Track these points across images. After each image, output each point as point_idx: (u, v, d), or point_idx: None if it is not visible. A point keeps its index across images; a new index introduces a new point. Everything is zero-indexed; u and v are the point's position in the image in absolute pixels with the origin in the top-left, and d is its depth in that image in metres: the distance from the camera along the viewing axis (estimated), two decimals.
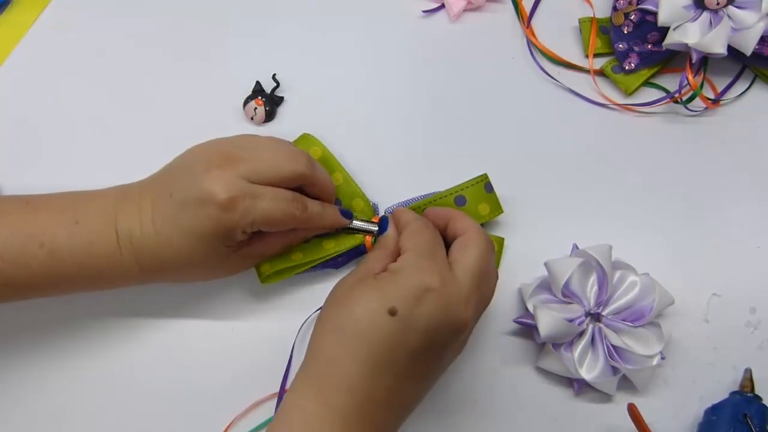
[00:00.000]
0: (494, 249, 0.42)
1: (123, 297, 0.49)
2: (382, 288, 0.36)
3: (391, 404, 0.36)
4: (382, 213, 0.50)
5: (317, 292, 0.49)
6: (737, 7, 0.52)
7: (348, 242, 0.47)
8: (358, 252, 0.48)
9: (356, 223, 0.47)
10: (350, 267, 0.49)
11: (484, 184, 0.49)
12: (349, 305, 0.36)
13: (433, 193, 0.49)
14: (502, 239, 0.50)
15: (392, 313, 0.35)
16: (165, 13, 0.60)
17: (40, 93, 0.57)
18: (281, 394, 0.46)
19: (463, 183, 0.48)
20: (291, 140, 0.50)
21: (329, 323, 0.37)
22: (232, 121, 0.55)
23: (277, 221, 0.41)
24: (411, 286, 0.36)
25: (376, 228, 0.47)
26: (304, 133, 0.51)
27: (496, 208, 0.49)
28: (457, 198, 0.48)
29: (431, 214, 0.45)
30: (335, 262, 0.48)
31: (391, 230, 0.43)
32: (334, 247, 0.47)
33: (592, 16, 0.58)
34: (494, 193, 0.49)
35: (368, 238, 0.47)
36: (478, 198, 0.48)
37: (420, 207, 0.48)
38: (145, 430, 0.46)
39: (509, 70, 0.57)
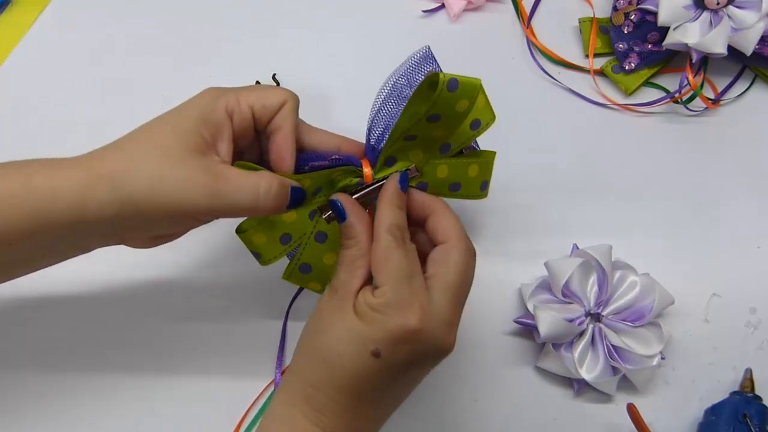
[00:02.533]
0: (475, 255, 0.39)
1: (113, 297, 0.49)
2: (363, 330, 0.36)
3: (375, 418, 0.38)
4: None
5: None
6: (737, 6, 0.52)
7: None
8: None
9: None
10: None
11: (446, 88, 0.39)
12: (333, 340, 0.36)
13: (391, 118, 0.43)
14: (494, 153, 0.45)
15: (376, 354, 0.35)
16: (165, 13, 0.60)
17: (40, 93, 0.57)
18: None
19: (429, 103, 0.39)
20: None
21: (313, 350, 0.37)
22: None
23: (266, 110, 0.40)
24: (392, 328, 0.35)
25: (372, 187, 0.42)
26: (238, 162, 0.43)
27: (471, 93, 0.41)
28: (430, 117, 0.40)
29: (414, 199, 0.41)
30: None
31: (352, 217, 0.39)
32: None
33: (592, 16, 0.58)
34: (459, 83, 0.40)
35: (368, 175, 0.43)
36: (449, 104, 0.40)
37: (395, 143, 0.42)
38: None
39: (509, 70, 0.57)
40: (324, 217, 0.41)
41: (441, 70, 0.43)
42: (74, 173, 0.36)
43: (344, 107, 0.56)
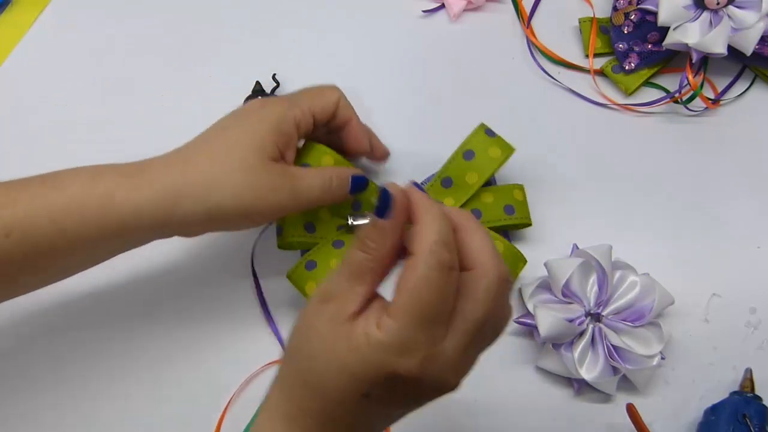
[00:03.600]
0: (510, 281, 0.33)
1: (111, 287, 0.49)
2: (355, 370, 0.30)
3: None
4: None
5: None
6: (737, 6, 0.52)
7: None
8: None
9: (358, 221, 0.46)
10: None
11: (484, 131, 0.48)
12: (323, 371, 0.31)
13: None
14: (524, 263, 0.47)
15: (366, 396, 0.31)
16: (165, 13, 0.60)
17: (40, 93, 0.57)
18: None
19: (463, 141, 0.48)
20: None
21: (301, 372, 0.33)
22: None
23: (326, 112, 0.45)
24: (386, 371, 0.30)
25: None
26: (307, 141, 0.47)
27: (506, 148, 0.48)
28: (465, 154, 0.47)
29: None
30: None
31: (392, 220, 0.31)
32: None
33: (592, 16, 0.58)
34: (498, 136, 0.48)
35: None
36: (484, 145, 0.48)
37: (432, 185, 0.48)
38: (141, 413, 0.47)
39: (509, 70, 0.57)
40: (352, 219, 0.46)
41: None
42: (156, 191, 0.39)
43: None
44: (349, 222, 0.47)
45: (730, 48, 0.52)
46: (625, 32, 0.55)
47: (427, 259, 0.30)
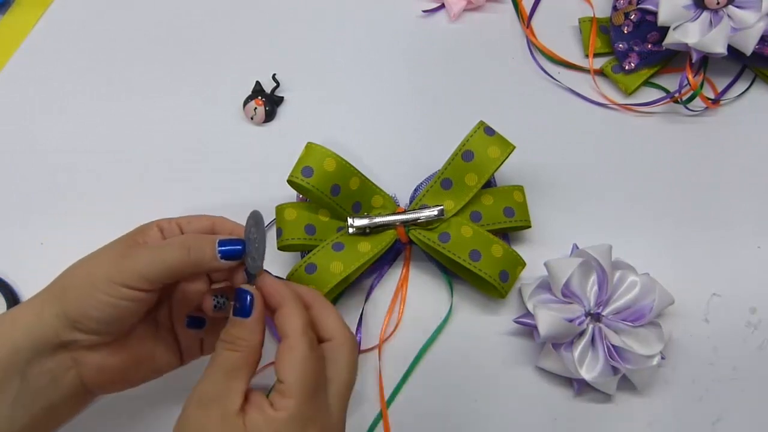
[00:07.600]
0: (358, 347, 0.38)
1: None
2: None
3: None
4: (401, 204, 0.50)
5: None
6: (737, 6, 0.52)
7: (382, 240, 0.47)
8: (396, 252, 0.49)
9: (377, 220, 0.47)
10: (394, 273, 0.50)
11: (483, 129, 0.48)
12: None
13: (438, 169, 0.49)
14: (523, 266, 0.48)
15: None
16: (166, 14, 0.60)
17: (42, 94, 0.57)
18: None
19: (462, 140, 0.48)
20: (292, 142, 0.50)
21: None
22: (232, 121, 0.55)
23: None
24: None
25: (399, 217, 0.46)
26: (309, 144, 0.47)
27: (506, 146, 0.48)
28: (464, 154, 0.47)
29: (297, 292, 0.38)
30: (380, 272, 0.49)
31: (256, 315, 0.36)
32: (371, 249, 0.46)
33: (592, 16, 0.58)
34: (497, 134, 0.48)
35: (401, 229, 0.47)
36: (484, 145, 0.47)
37: (431, 187, 0.48)
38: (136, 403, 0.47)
39: (509, 70, 0.57)
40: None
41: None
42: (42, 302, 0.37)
43: (343, 106, 0.56)
44: (350, 223, 0.47)
45: (730, 48, 0.52)
46: (625, 32, 0.55)
47: (302, 341, 0.35)
